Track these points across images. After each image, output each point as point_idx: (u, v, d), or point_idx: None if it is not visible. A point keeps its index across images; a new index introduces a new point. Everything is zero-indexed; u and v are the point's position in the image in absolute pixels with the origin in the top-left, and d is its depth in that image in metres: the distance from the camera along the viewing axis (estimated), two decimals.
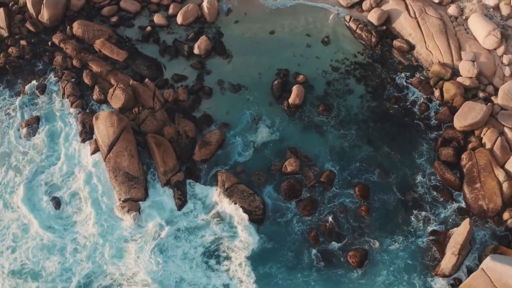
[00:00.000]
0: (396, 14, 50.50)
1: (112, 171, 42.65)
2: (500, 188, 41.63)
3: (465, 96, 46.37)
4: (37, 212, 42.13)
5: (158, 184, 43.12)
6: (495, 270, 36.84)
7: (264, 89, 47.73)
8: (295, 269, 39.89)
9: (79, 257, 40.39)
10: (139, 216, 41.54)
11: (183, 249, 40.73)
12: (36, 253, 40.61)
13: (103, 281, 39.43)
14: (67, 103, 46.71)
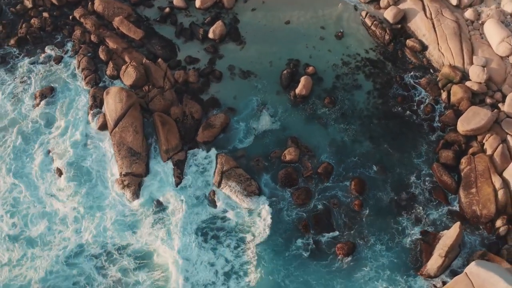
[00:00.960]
0: (412, 14, 50.04)
1: (117, 145, 43.65)
2: (495, 195, 41.18)
3: (472, 101, 45.81)
4: (40, 179, 43.21)
5: (159, 161, 44.00)
6: (478, 276, 36.62)
7: (273, 78, 47.96)
8: (281, 254, 40.27)
9: (76, 227, 41.33)
10: (138, 191, 42.53)
11: (178, 224, 41.39)
12: (35, 220, 41.78)
13: (95, 250, 40.38)
14: (81, 76, 47.77)
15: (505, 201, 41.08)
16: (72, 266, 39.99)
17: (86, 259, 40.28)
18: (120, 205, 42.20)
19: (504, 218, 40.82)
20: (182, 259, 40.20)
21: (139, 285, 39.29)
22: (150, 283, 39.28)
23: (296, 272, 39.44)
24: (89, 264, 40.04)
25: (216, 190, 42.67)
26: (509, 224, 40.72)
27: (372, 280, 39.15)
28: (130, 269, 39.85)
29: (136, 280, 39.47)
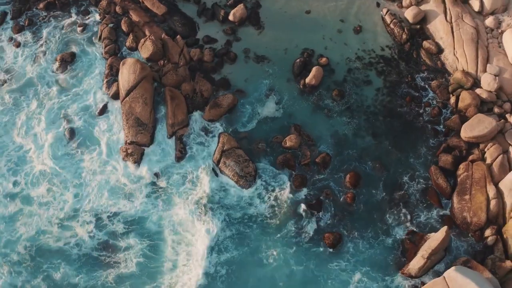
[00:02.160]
0: (432, 16, 49.16)
1: (126, 114, 44.68)
2: (488, 205, 40.59)
3: (480, 108, 44.97)
4: (49, 142, 44.66)
5: (164, 134, 44.91)
6: (456, 281, 36.39)
7: (286, 65, 48.01)
8: (269, 234, 40.91)
9: (75, 191, 42.78)
10: (139, 160, 43.58)
11: (174, 197, 42.44)
12: (37, 180, 43.31)
13: (89, 214, 41.77)
14: (102, 45, 48.88)
15: (497, 212, 40.46)
16: (65, 228, 41.28)
17: (79, 222, 41.43)
18: (120, 173, 43.17)
19: (493, 228, 40.24)
20: (176, 229, 41.34)
21: (129, 250, 40.27)
22: (140, 248, 40.32)
23: (278, 249, 40.14)
24: (82, 228, 41.21)
25: (215, 167, 43.33)
26: (498, 234, 40.10)
27: (348, 271, 39.54)
28: (121, 234, 40.91)
29: (127, 245, 40.51)
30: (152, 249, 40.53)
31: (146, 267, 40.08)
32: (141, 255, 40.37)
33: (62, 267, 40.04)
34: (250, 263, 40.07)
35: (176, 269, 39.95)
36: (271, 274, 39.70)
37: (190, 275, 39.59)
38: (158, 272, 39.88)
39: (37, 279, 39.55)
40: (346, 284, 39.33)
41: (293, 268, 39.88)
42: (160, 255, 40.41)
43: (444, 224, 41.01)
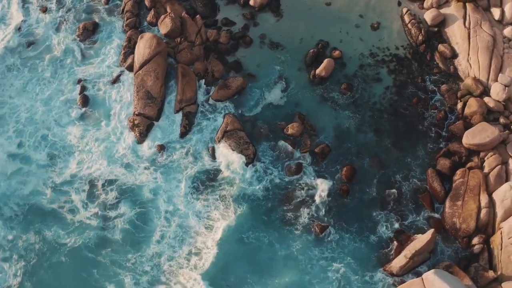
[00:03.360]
0: (451, 20, 48.09)
1: (137, 86, 45.46)
2: (478, 213, 39.91)
3: (485, 117, 44.03)
4: (61, 106, 45.98)
5: (171, 110, 45.54)
6: (433, 284, 36.11)
7: (299, 54, 47.82)
8: (257, 216, 41.39)
9: (78, 157, 43.95)
10: (144, 132, 44.34)
11: (173, 171, 43.19)
12: (40, 143, 44.60)
13: (86, 180, 42.97)
14: (124, 18, 49.61)
15: (486, 221, 39.77)
16: (59, 193, 42.45)
17: (75, 189, 42.56)
18: (124, 143, 44.08)
19: (481, 237, 39.64)
20: (172, 200, 42.10)
21: (120, 217, 41.35)
22: (130, 216, 41.34)
23: (264, 230, 40.70)
24: (77, 195, 42.30)
25: (215, 146, 43.93)
26: (485, 244, 39.49)
27: (330, 260, 39.66)
28: (115, 201, 41.96)
29: (119, 212, 41.56)
30: (143, 218, 41.36)
31: (132, 236, 40.88)
32: (128, 223, 41.22)
33: (54, 228, 41.12)
34: (235, 241, 40.54)
35: (163, 240, 40.61)
36: (252, 252, 40.14)
37: (176, 249, 40.38)
38: (143, 242, 40.67)
39: (29, 234, 40.81)
40: (325, 271, 39.52)
41: (276, 250, 40.27)
42: (150, 225, 41.18)
43: (433, 227, 40.61)
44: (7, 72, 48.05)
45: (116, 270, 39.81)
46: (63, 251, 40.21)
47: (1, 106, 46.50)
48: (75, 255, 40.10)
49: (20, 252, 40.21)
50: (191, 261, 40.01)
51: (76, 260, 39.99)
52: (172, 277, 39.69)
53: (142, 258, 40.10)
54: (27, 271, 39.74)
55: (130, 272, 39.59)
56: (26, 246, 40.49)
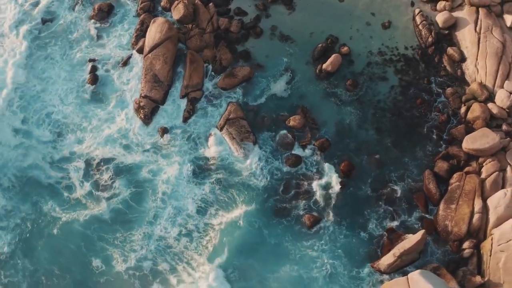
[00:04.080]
0: (463, 23, 47.33)
1: (145, 69, 45.94)
2: (471, 218, 39.51)
3: (488, 123, 43.40)
4: (70, 84, 46.79)
5: (177, 95, 45.97)
6: (417, 284, 36.00)
7: (307, 48, 47.67)
8: (250, 203, 41.61)
9: (79, 134, 44.65)
10: (149, 114, 44.79)
11: (173, 154, 43.62)
12: (44, 120, 45.37)
13: (86, 159, 43.73)
14: (139, 1, 50.12)
15: (478, 226, 39.36)
16: (57, 169, 43.33)
17: (73, 166, 43.38)
18: (128, 124, 44.72)
19: (472, 242, 39.24)
20: (169, 184, 42.55)
21: (116, 197, 42.08)
22: (126, 195, 42.11)
23: (257, 217, 41.07)
24: (75, 172, 43.08)
25: (217, 133, 44.28)
26: (475, 249, 39.13)
27: (320, 252, 39.88)
28: (111, 179, 42.63)
29: (113, 193, 42.32)
30: (138, 198, 41.99)
31: (125, 215, 41.67)
32: (122, 202, 41.92)
33: (50, 202, 42.11)
34: (227, 225, 41.02)
35: (156, 221, 41.22)
36: (243, 237, 40.59)
37: (168, 229, 40.94)
38: (135, 221, 41.37)
39: (25, 206, 41.84)
40: (313, 262, 39.69)
41: (266, 236, 40.57)
42: (143, 206, 41.80)
43: (425, 228, 40.36)
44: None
45: (104, 246, 40.47)
46: (56, 225, 41.19)
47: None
48: (67, 229, 41.08)
49: (16, 221, 41.25)
50: (181, 241, 40.50)
51: (68, 234, 40.95)
52: (159, 256, 40.21)
53: (133, 237, 40.71)
54: (21, 240, 40.85)
55: (119, 249, 40.19)
56: (23, 217, 41.56)
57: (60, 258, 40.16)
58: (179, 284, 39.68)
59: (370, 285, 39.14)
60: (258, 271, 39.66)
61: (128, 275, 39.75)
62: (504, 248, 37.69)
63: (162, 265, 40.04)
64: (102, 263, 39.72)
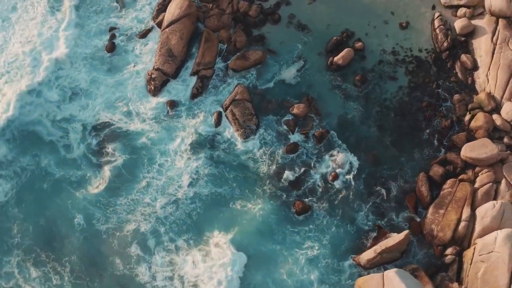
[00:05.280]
0: (480, 32, 46.09)
1: (161, 42, 46.44)
2: (457, 225, 38.93)
3: (490, 134, 42.42)
4: (88, 49, 47.47)
5: (188, 71, 46.28)
6: (391, 282, 35.85)
7: (322, 39, 47.19)
8: (244, 184, 42.07)
9: (84, 99, 45.39)
10: (159, 87, 45.28)
11: (175, 128, 44.07)
12: (53, 82, 46.12)
13: (89, 121, 44.49)
14: None
15: (463, 234, 38.74)
16: (58, 128, 44.26)
17: (72, 128, 44.18)
18: (136, 93, 45.32)
19: (455, 249, 38.70)
20: (168, 153, 43.28)
21: (111, 163, 42.87)
22: (121, 161, 42.93)
23: (248, 198, 41.52)
24: (74, 133, 43.98)
25: (221, 112, 44.49)
26: (458, 256, 38.57)
27: (304, 238, 40.10)
28: (109, 145, 43.49)
29: (110, 159, 43.09)
30: (132, 165, 42.75)
31: (115, 179, 42.44)
32: (119, 167, 42.65)
33: (48, 158, 43.16)
34: (217, 202, 41.47)
35: (147, 190, 41.93)
36: (230, 212, 41.15)
37: (157, 197, 41.67)
38: (125, 189, 42.15)
39: (25, 158, 43.10)
40: (296, 246, 39.94)
41: (255, 216, 40.82)
42: (137, 174, 42.49)
43: (412, 230, 40.17)
44: None
45: (87, 206, 41.44)
46: (49, 180, 42.33)
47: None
48: (58, 185, 42.23)
49: (16, 171, 42.56)
50: (167, 209, 41.20)
51: (57, 190, 42.10)
52: (143, 221, 41.00)
53: (120, 201, 41.62)
54: (16, 190, 42.09)
55: (101, 210, 41.23)
56: (22, 167, 42.70)
57: (47, 211, 41.37)
58: (158, 246, 40.35)
59: (349, 277, 39.00)
60: (239, 244, 40.15)
61: (107, 234, 40.73)
62: (485, 259, 37.12)
63: (144, 228, 40.79)
64: (84, 221, 40.76)
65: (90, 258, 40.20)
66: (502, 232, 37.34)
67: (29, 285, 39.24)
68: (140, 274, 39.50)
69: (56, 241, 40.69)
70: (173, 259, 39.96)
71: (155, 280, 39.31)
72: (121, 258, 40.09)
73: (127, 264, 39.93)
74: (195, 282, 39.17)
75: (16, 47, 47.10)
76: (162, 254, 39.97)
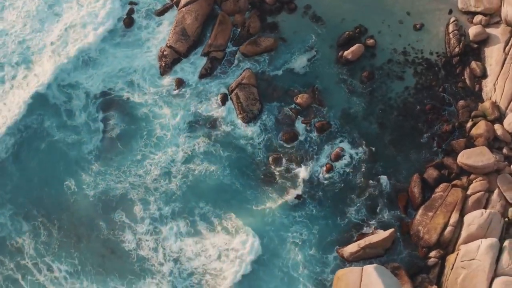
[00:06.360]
0: (493, 41, 44.93)
1: (177, 21, 46.64)
2: (443, 229, 38.53)
3: (490, 143, 41.52)
4: (105, 20, 47.99)
5: (199, 52, 46.44)
6: (369, 277, 35.85)
7: (335, 33, 46.68)
8: (238, 166, 42.29)
9: (95, 69, 46.00)
10: (169, 64, 45.58)
11: (177, 105, 44.51)
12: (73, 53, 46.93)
13: (86, 93, 45.16)
14: None
15: (449, 239, 38.32)
16: (64, 94, 45.08)
17: (76, 95, 45.02)
18: (146, 69, 45.78)
19: (439, 252, 38.34)
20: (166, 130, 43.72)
21: (109, 132, 43.70)
22: (118, 131, 43.74)
23: (240, 180, 41.84)
24: (78, 101, 44.73)
25: (226, 94, 44.61)
26: (441, 260, 38.23)
27: (292, 223, 40.28)
28: (109, 117, 44.22)
29: (108, 128, 43.82)
30: (130, 136, 43.43)
31: (110, 148, 43.26)
32: (112, 137, 43.51)
33: (51, 120, 44.22)
34: (210, 179, 41.83)
35: (141, 163, 42.56)
36: (223, 193, 41.45)
37: (149, 169, 42.32)
38: (120, 158, 42.87)
39: (30, 117, 44.16)
40: (285, 228, 40.12)
41: (245, 194, 41.32)
42: (133, 145, 43.13)
43: (400, 229, 39.98)
44: None
45: (78, 171, 42.45)
46: (48, 141, 43.42)
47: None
48: (55, 147, 43.30)
49: (20, 128, 43.76)
50: (158, 181, 41.82)
51: (54, 151, 43.22)
52: (131, 189, 41.77)
53: (111, 170, 42.43)
54: (17, 147, 43.28)
55: (92, 177, 42.11)
56: (26, 126, 43.74)
57: (42, 171, 42.48)
58: (144, 211, 41.03)
59: (332, 266, 39.05)
60: (225, 220, 40.71)
61: (94, 198, 41.59)
62: (466, 265, 36.63)
63: (131, 195, 41.55)
64: (75, 185, 41.70)
65: (79, 220, 41.22)
66: (486, 241, 36.89)
67: (20, 237, 40.59)
68: (126, 241, 40.27)
69: (47, 200, 41.86)
70: (158, 228, 40.60)
71: (140, 249, 40.01)
72: (108, 223, 41.05)
73: (113, 230, 40.86)
74: (178, 252, 39.86)
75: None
76: (147, 223, 40.67)
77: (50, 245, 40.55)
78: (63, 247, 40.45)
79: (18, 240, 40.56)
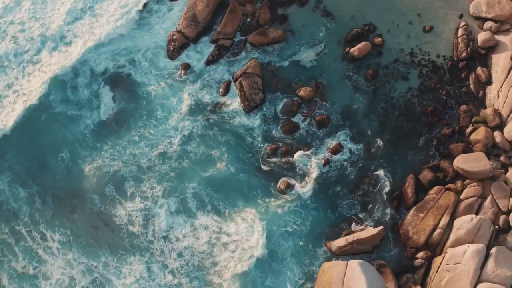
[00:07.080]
0: (501, 48, 44.20)
1: (188, 7, 46.88)
2: (432, 231, 38.26)
3: (488, 149, 41.09)
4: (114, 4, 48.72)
5: (208, 39, 46.58)
6: (353, 272, 35.85)
7: (344, 29, 46.41)
8: (235, 153, 42.44)
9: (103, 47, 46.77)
10: (178, 49, 45.84)
11: (183, 89, 44.79)
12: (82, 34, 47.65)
13: (92, 72, 45.82)
14: None
15: (437, 241, 38.05)
16: (72, 70, 45.75)
17: (82, 71, 45.66)
18: (154, 52, 46.16)
19: (426, 254, 38.11)
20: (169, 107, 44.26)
21: (110, 110, 44.19)
22: (118, 109, 44.34)
23: (236, 165, 41.97)
24: (84, 78, 45.39)
25: (230, 82, 44.71)
26: (427, 261, 38.00)
27: (286, 211, 40.30)
28: (112, 96, 44.78)
29: (108, 107, 44.38)
30: (130, 116, 43.90)
31: (109, 126, 43.88)
32: (110, 116, 44.14)
33: (56, 94, 44.97)
34: (203, 161, 42.24)
35: (137, 144, 42.95)
36: (216, 176, 41.74)
37: (145, 150, 42.78)
38: (118, 136, 43.46)
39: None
40: (277, 218, 40.11)
41: (241, 180, 41.51)
42: (131, 126, 43.58)
43: (390, 227, 39.77)
44: None
45: (75, 145, 43.15)
46: (51, 114, 44.16)
47: None
48: (57, 119, 44.11)
49: None
50: (153, 161, 42.33)
51: (55, 123, 43.97)
52: (125, 166, 42.34)
53: (107, 148, 43.04)
54: (24, 118, 44.09)
55: (87, 151, 42.85)
56: (39, 97, 44.70)
57: (42, 142, 43.28)
58: (136, 188, 41.52)
59: (321, 259, 39.13)
60: (217, 203, 41.05)
61: (88, 173, 42.13)
62: (451, 269, 36.37)
63: (124, 172, 42.08)
64: (70, 159, 42.46)
65: (72, 191, 41.90)
66: (472, 246, 36.59)
67: (17, 203, 41.52)
68: (118, 216, 40.88)
69: (43, 170, 42.69)
70: (148, 206, 41.09)
71: (132, 225, 40.60)
72: (101, 197, 41.59)
73: (105, 205, 41.39)
74: (167, 230, 40.37)
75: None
76: (138, 200, 41.22)
77: (44, 213, 41.44)
78: (57, 216, 41.34)
79: (14, 205, 41.54)
